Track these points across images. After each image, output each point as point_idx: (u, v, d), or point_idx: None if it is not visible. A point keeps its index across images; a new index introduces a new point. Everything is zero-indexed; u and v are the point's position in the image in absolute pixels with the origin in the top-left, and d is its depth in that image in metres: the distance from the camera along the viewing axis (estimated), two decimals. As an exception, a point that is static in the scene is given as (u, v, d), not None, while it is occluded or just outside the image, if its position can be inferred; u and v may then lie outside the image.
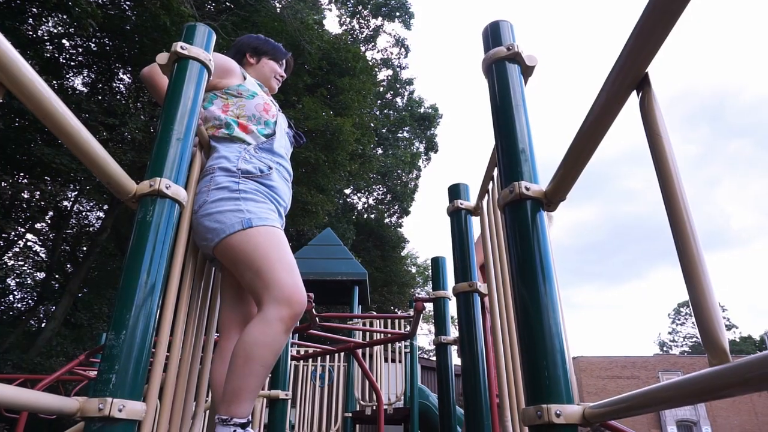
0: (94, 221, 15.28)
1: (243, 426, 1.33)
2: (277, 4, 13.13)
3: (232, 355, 1.40)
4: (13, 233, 12.72)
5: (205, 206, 1.53)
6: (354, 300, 6.29)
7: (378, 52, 22.03)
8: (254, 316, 1.51)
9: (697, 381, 0.58)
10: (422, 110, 23.04)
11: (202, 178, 1.61)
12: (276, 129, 1.75)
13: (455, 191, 2.31)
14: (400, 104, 23.02)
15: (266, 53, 2.01)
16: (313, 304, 2.88)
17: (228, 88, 1.75)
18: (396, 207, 22.13)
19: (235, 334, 1.63)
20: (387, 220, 21.87)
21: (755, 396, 25.50)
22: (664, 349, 51.19)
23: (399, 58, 22.48)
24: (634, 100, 0.79)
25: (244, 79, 1.81)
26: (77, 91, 11.94)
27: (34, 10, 10.06)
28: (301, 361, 5.34)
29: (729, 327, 49.13)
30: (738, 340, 47.96)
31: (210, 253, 1.56)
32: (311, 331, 4.30)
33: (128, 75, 12.50)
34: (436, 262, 2.97)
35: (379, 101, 21.68)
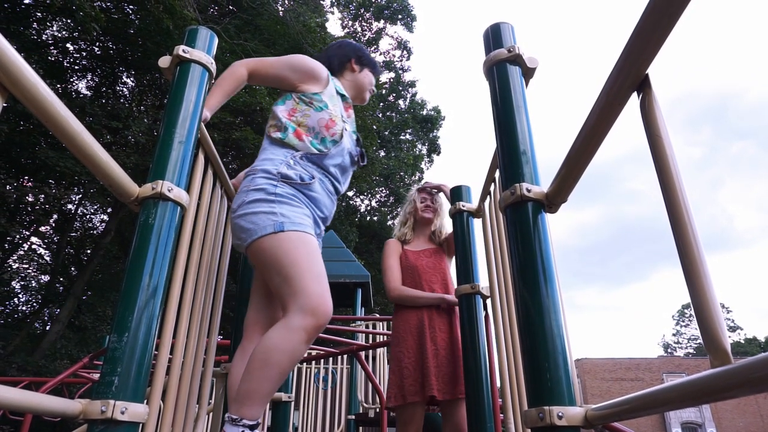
0: (98, 224, 15.34)
1: (252, 428, 1.33)
2: (280, 8, 13.17)
3: (251, 356, 1.38)
4: (17, 236, 12.76)
5: (242, 206, 1.54)
6: (357, 302, 6.29)
7: (380, 54, 22.05)
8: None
9: (698, 382, 0.58)
10: (425, 112, 23.04)
11: (245, 178, 1.63)
12: (332, 148, 1.69)
13: (457, 193, 2.31)
14: (403, 107, 23.02)
15: (369, 65, 2.03)
16: None
17: (304, 93, 1.74)
18: (399, 209, 22.08)
19: (258, 336, 1.62)
20: (390, 223, 21.84)
21: (761, 397, 25.35)
22: (669, 350, 50.97)
23: (401, 60, 22.49)
24: (634, 101, 0.79)
25: (326, 86, 1.78)
26: (81, 95, 12.00)
27: (39, 14, 10.12)
28: (304, 364, 5.33)
29: (734, 328, 48.89)
30: (743, 341, 47.69)
31: (243, 252, 1.57)
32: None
33: (132, 78, 12.56)
34: (439, 264, 2.96)
35: (381, 104, 21.69)
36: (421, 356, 2.17)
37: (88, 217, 15.23)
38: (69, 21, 10.02)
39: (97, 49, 11.43)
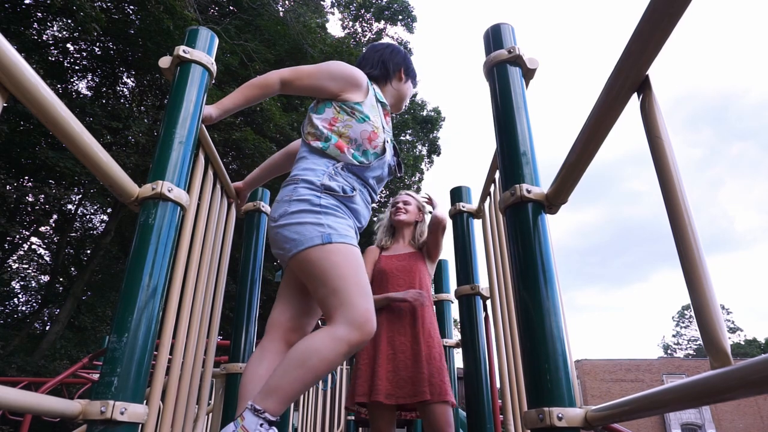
0: (98, 224, 15.34)
1: (271, 424, 1.31)
2: (280, 8, 13.18)
3: (290, 353, 1.36)
4: (17, 236, 12.77)
5: (285, 216, 1.51)
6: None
7: (380, 55, 22.05)
8: (308, 332, 1.51)
9: (698, 384, 0.58)
10: (425, 113, 23.04)
11: (285, 187, 1.58)
12: (373, 160, 1.66)
13: (457, 194, 2.31)
14: (403, 107, 23.04)
15: (413, 77, 1.98)
16: None
17: (345, 102, 1.68)
18: (399, 210, 22.07)
19: (279, 337, 1.59)
20: (390, 223, 21.84)
21: (760, 399, 25.35)
22: (669, 352, 50.97)
23: (401, 61, 22.50)
24: (635, 102, 0.79)
25: (367, 94, 1.73)
26: (81, 95, 12.01)
27: (39, 14, 10.13)
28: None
29: (734, 330, 48.90)
30: (743, 342, 47.69)
31: (286, 263, 1.55)
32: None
33: (132, 79, 12.57)
34: (439, 265, 2.97)
35: (381, 104, 21.71)
36: (374, 359, 2.11)
37: (88, 217, 15.24)
38: (69, 21, 10.03)
39: (97, 49, 11.44)
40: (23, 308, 15.03)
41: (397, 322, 2.16)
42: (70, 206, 13.50)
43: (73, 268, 14.52)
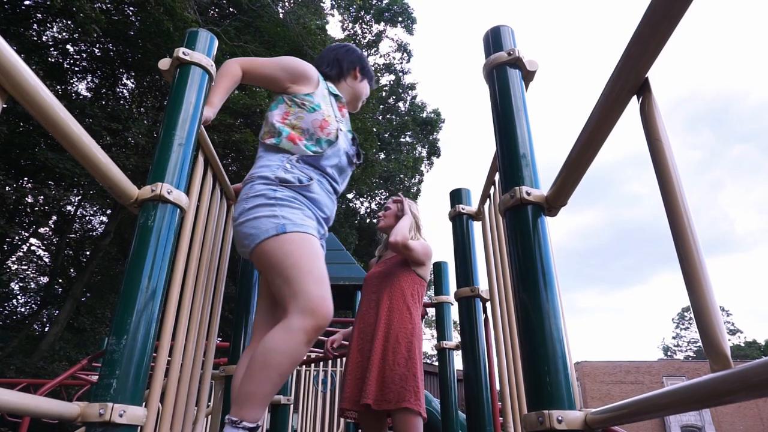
0: (97, 225, 15.33)
1: (252, 430, 1.32)
2: (280, 10, 13.19)
3: (251, 358, 1.39)
4: (16, 238, 12.76)
5: (243, 214, 1.53)
6: (356, 305, 6.28)
7: (380, 57, 22.08)
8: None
9: (698, 387, 0.57)
10: (425, 115, 23.07)
11: (243, 186, 1.62)
12: (327, 148, 1.69)
13: (457, 196, 2.31)
14: (403, 109, 23.04)
15: (369, 77, 2.05)
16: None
17: (296, 95, 1.73)
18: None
19: (262, 338, 1.62)
20: (389, 225, 21.83)
21: (761, 401, 25.32)
22: (669, 353, 50.93)
23: (401, 63, 22.51)
24: (634, 104, 0.79)
25: (317, 86, 1.78)
26: (81, 96, 12.01)
27: (39, 15, 10.13)
28: (303, 366, 5.32)
29: (734, 332, 48.87)
30: (743, 345, 47.67)
31: (249, 259, 1.57)
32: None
33: (132, 80, 12.57)
34: (438, 267, 2.96)
35: (381, 106, 21.71)
36: (346, 368, 2.14)
37: (87, 218, 15.23)
38: (69, 22, 10.04)
39: (97, 50, 11.44)
40: (22, 309, 15.01)
41: (368, 330, 2.16)
42: (69, 207, 13.50)
43: (72, 270, 14.51)
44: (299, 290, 1.41)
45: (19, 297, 14.88)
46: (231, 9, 12.75)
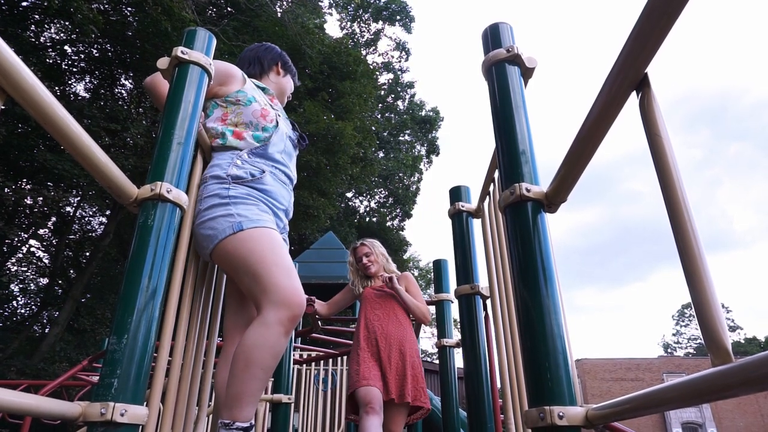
0: (96, 226, 15.31)
1: (246, 430, 1.33)
2: (278, 9, 13.17)
3: (233, 359, 1.40)
4: (16, 239, 12.74)
5: (199, 215, 1.53)
6: (356, 303, 6.27)
7: (379, 55, 22.07)
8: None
9: (699, 381, 0.57)
10: (423, 113, 23.07)
11: (198, 188, 1.61)
12: (273, 134, 1.73)
13: (456, 193, 2.31)
14: (402, 107, 23.04)
15: (291, 73, 2.14)
16: (316, 307, 2.88)
17: (227, 95, 1.74)
18: (398, 210, 22.12)
19: (239, 338, 1.63)
20: (389, 224, 21.85)
21: (761, 397, 25.35)
22: (669, 350, 50.98)
23: (400, 61, 22.51)
24: (634, 100, 0.79)
25: (244, 83, 1.80)
26: (79, 97, 11.99)
27: (37, 16, 10.11)
28: (304, 365, 5.33)
29: (734, 328, 48.92)
30: (743, 341, 47.71)
31: (209, 261, 1.56)
32: (314, 335, 4.30)
33: (130, 80, 12.55)
34: (438, 265, 2.96)
35: (380, 105, 21.71)
36: (363, 362, 2.60)
37: (86, 219, 15.21)
38: (67, 23, 10.02)
39: (95, 51, 11.42)
40: (22, 311, 15.00)
41: (391, 339, 2.59)
42: (68, 208, 13.49)
43: (72, 271, 14.50)
44: (268, 284, 1.42)
45: (19, 298, 14.88)
46: (229, 8, 12.73)
